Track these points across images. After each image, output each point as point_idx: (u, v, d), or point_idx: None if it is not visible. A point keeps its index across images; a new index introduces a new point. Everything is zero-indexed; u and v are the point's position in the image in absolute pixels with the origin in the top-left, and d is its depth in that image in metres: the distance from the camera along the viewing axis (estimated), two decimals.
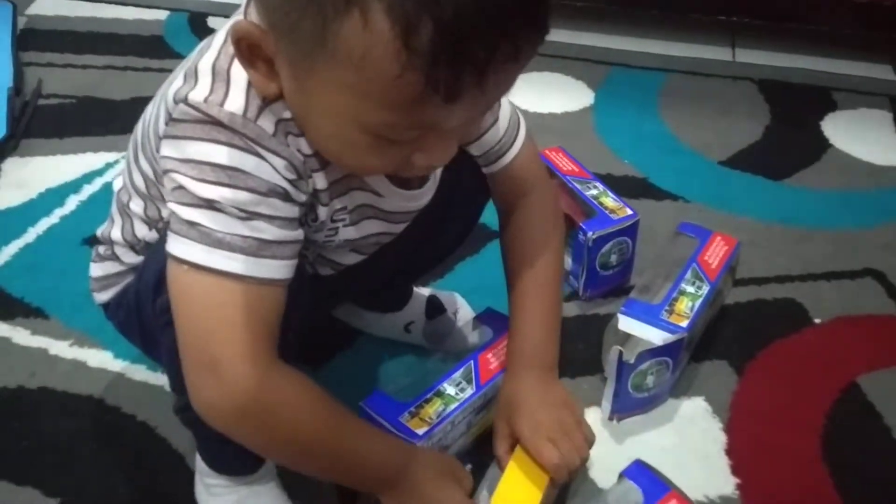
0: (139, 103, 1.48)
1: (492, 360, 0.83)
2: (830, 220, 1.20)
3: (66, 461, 0.82)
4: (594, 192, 1.04)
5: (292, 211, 0.60)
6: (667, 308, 0.88)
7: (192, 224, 0.57)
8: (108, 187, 1.22)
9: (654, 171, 1.28)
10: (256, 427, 0.61)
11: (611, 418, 0.88)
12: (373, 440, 0.68)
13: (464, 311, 0.97)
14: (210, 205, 0.56)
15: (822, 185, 1.28)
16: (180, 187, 0.57)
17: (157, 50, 1.59)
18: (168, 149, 0.58)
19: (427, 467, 0.70)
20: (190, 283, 0.58)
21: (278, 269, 0.59)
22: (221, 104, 0.56)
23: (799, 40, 1.60)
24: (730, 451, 0.85)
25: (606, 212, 1.00)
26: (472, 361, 0.82)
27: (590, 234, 0.97)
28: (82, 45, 1.59)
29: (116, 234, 0.73)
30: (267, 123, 0.57)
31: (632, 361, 0.83)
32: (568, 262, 1.04)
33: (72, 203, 1.18)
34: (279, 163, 0.58)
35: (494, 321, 0.87)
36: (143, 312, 0.68)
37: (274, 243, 0.58)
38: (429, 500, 0.69)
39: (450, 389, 0.80)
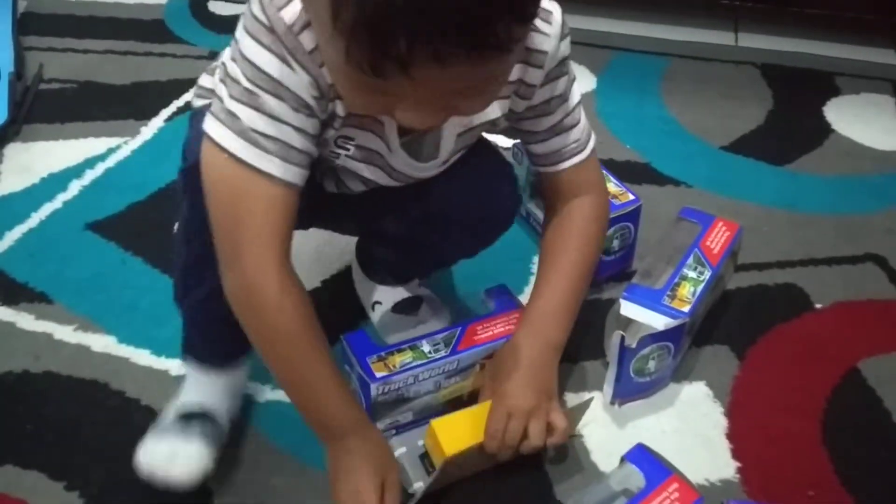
0: (140, 88, 1.48)
1: (480, 331, 0.84)
2: (832, 206, 1.20)
3: (70, 445, 0.83)
4: None
5: (314, 126, 0.66)
6: (668, 293, 0.88)
7: (232, 115, 0.63)
8: (110, 172, 1.22)
9: (656, 155, 1.28)
10: (259, 321, 0.68)
11: (612, 402, 0.88)
12: (333, 390, 0.71)
13: (432, 327, 0.93)
14: (248, 102, 0.62)
15: (825, 170, 1.28)
16: (232, 79, 0.63)
17: (158, 34, 1.58)
18: (237, 32, 0.63)
19: (363, 446, 0.73)
20: (226, 171, 0.64)
21: (300, 175, 0.65)
22: (280, 9, 0.60)
23: (802, 25, 1.59)
24: (731, 436, 0.86)
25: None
26: (459, 328, 0.84)
27: None
28: (83, 30, 1.59)
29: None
30: (307, 40, 0.61)
31: (633, 346, 0.83)
32: None
33: (74, 188, 1.18)
34: (305, 78, 0.62)
35: (501, 298, 0.87)
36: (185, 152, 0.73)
37: (298, 151, 0.64)
38: (342, 471, 0.72)
39: (425, 346, 0.82)
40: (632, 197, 1.01)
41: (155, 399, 0.86)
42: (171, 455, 0.74)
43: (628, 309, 0.87)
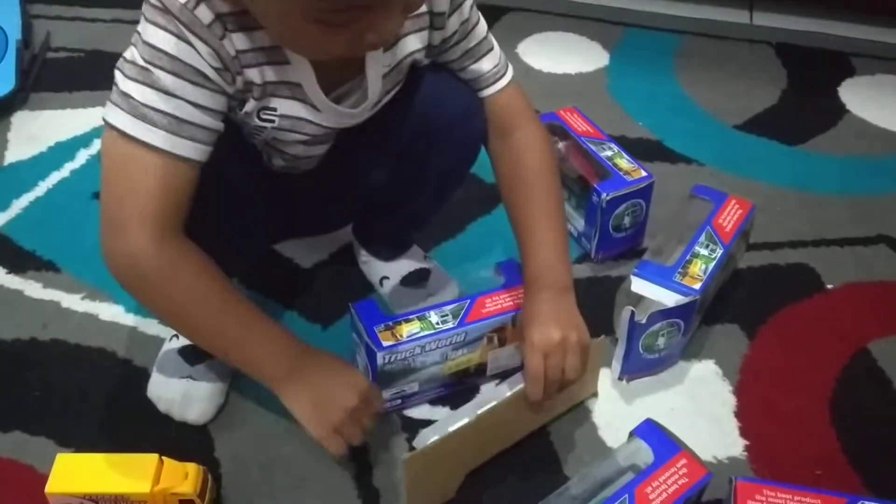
0: None
1: (489, 304, 0.83)
2: (845, 186, 1.19)
3: (78, 412, 0.83)
4: (608, 153, 1.03)
5: (217, 102, 0.66)
6: (680, 270, 0.88)
7: (125, 95, 0.63)
8: None
9: (668, 133, 1.27)
10: (152, 294, 0.68)
11: (620, 378, 0.88)
12: (261, 332, 0.71)
13: (441, 298, 0.93)
14: (142, 80, 0.63)
15: (838, 150, 1.26)
16: (129, 61, 0.64)
17: None
18: (140, 24, 0.64)
19: (321, 361, 0.73)
20: (114, 148, 0.64)
21: (194, 149, 0.65)
22: None
23: (818, 4, 1.57)
24: (739, 414, 0.86)
25: (621, 173, 0.99)
26: (468, 300, 0.83)
27: (604, 195, 0.96)
28: None
29: None
30: (204, 14, 0.62)
31: (643, 322, 0.83)
32: (581, 223, 1.04)
33: (82, 157, 1.17)
34: (204, 49, 0.63)
35: (511, 272, 0.87)
36: None
37: (192, 125, 0.64)
38: (324, 386, 0.72)
39: (433, 317, 0.81)
40: (644, 174, 1.00)
41: None
42: (185, 397, 0.81)
43: (639, 285, 0.86)
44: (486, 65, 0.79)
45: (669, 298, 0.85)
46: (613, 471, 0.74)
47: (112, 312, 0.94)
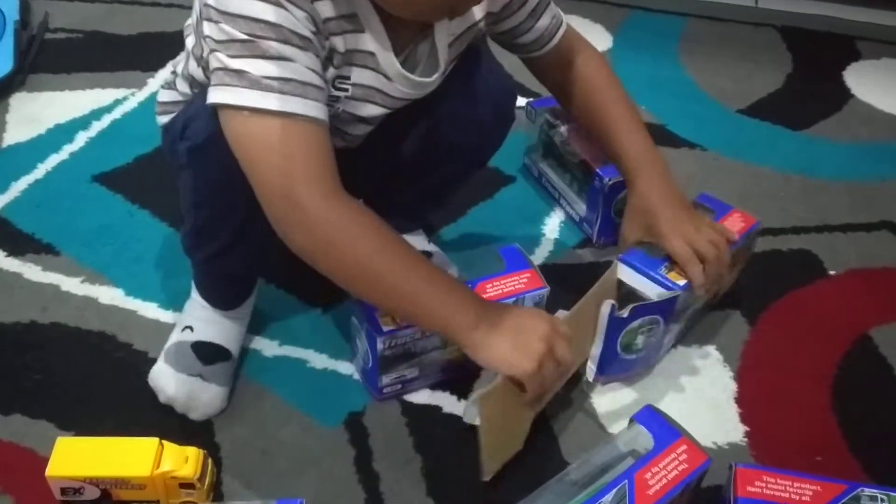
0: (147, 39, 1.46)
1: (489, 289, 0.82)
2: (849, 172, 1.18)
3: (78, 395, 0.83)
4: None
5: (319, 64, 0.65)
6: (667, 264, 0.84)
7: (239, 73, 0.62)
8: (116, 124, 1.20)
9: (672, 118, 1.26)
10: (338, 252, 0.66)
11: (594, 380, 0.82)
12: (445, 283, 0.70)
13: None
14: (252, 54, 0.62)
15: (843, 136, 1.25)
16: (226, 41, 0.62)
17: None
18: (216, 1, 0.62)
19: (502, 306, 0.72)
20: (249, 127, 0.63)
21: (323, 111, 0.65)
22: None
23: None
24: (740, 400, 0.86)
25: None
26: (469, 285, 0.82)
27: (606, 179, 0.96)
28: None
29: (180, 66, 0.79)
30: None
31: (625, 316, 0.79)
32: (582, 208, 1.03)
33: (81, 139, 1.16)
34: (301, 14, 0.63)
35: (512, 257, 0.86)
36: (175, 147, 0.74)
37: (312, 86, 0.64)
38: (516, 325, 0.69)
39: None
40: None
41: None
42: (190, 396, 0.80)
43: (624, 272, 0.83)
44: (546, 19, 0.82)
45: (652, 290, 0.81)
46: (613, 456, 0.74)
47: (112, 296, 0.93)
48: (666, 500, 0.67)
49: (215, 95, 0.63)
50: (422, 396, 0.84)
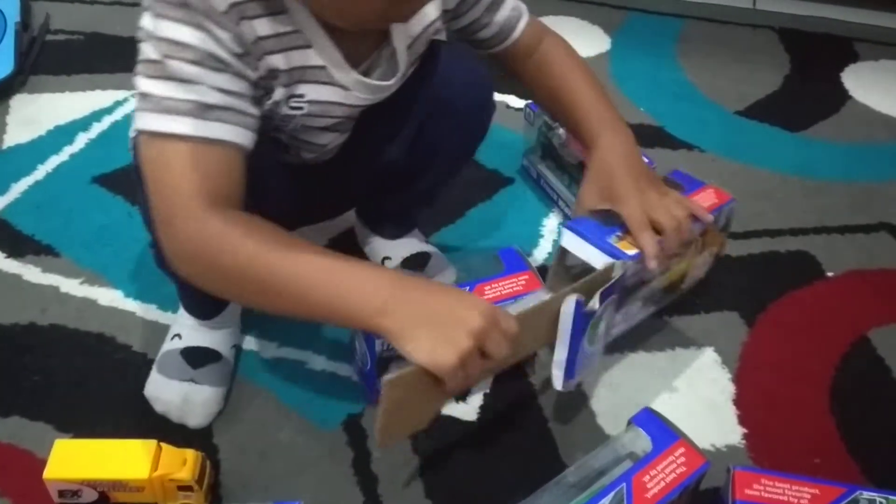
0: None
1: (488, 291, 0.83)
2: (847, 173, 1.18)
3: (77, 397, 0.83)
4: None
5: (239, 84, 0.64)
6: (619, 234, 0.75)
7: (145, 95, 0.61)
8: (116, 125, 1.21)
9: (670, 119, 1.26)
10: (216, 271, 0.62)
11: (564, 387, 0.73)
12: (343, 266, 0.62)
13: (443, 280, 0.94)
14: (159, 75, 0.61)
15: (841, 137, 1.26)
16: (144, 61, 0.62)
17: None
18: (144, 21, 0.62)
19: (424, 283, 0.64)
20: (149, 150, 0.62)
21: (225, 131, 0.62)
22: None
23: None
24: (738, 402, 0.86)
25: None
26: (468, 287, 0.83)
27: None
28: None
29: None
30: (218, 2, 0.61)
31: (597, 307, 0.71)
32: None
33: (81, 141, 1.17)
34: (223, 35, 0.62)
35: (511, 259, 0.86)
36: (136, 162, 0.71)
37: (219, 108, 0.62)
38: (439, 309, 0.61)
39: None
40: (644, 160, 0.98)
41: None
42: (184, 399, 0.80)
43: (569, 240, 0.76)
44: (504, 12, 0.81)
45: (598, 259, 0.73)
46: (611, 459, 0.74)
47: (111, 297, 0.93)
48: (664, 502, 0.67)
49: (134, 121, 0.63)
50: None
